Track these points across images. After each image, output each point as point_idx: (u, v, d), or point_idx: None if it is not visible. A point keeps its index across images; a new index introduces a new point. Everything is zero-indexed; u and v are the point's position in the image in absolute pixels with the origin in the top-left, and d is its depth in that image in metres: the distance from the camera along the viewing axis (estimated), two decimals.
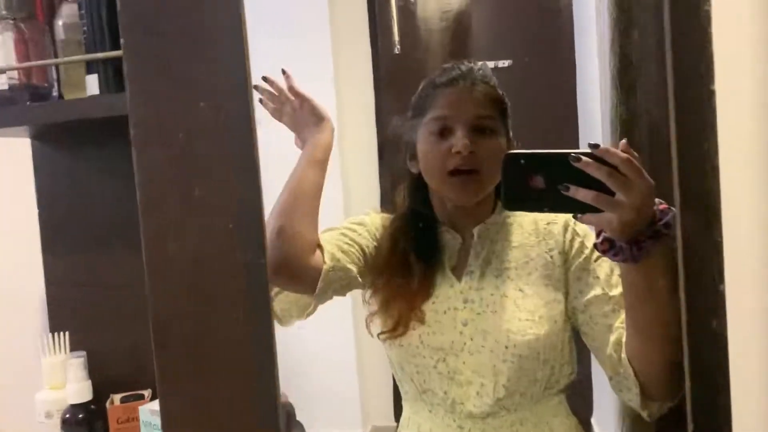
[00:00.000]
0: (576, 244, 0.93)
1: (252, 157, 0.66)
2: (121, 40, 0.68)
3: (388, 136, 2.95)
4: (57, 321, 1.02)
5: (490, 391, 0.90)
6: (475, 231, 0.97)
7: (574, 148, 0.69)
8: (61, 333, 0.99)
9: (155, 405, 0.93)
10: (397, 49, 3.13)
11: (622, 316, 0.85)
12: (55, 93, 0.90)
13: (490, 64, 3.25)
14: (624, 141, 0.70)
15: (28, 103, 0.83)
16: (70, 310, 1.02)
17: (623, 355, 0.83)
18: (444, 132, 0.91)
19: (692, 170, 0.59)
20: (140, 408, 0.94)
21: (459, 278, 0.95)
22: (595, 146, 0.68)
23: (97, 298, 1.02)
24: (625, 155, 0.68)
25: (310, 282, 0.89)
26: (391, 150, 3.19)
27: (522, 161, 0.71)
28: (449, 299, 0.93)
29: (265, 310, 0.70)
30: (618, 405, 1.16)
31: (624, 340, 0.83)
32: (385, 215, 1.04)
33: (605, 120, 1.24)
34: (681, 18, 0.58)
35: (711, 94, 0.57)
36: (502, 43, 3.09)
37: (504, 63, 3.04)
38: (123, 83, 0.76)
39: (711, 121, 0.56)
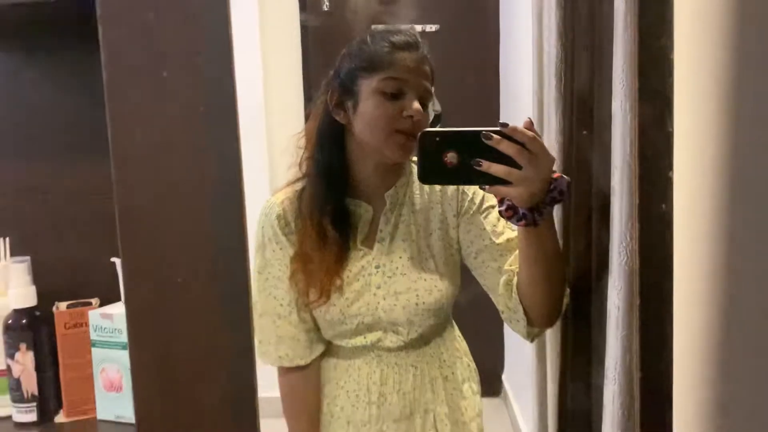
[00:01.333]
0: (465, 203, 1.03)
1: (225, 37, 0.66)
2: None
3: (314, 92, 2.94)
4: None
5: (404, 334, 1.02)
6: (388, 196, 1.03)
7: (495, 114, 0.75)
8: (2, 238, 0.95)
9: (107, 309, 0.92)
10: (326, 6, 3.11)
11: (509, 258, 0.97)
12: None
13: (418, 27, 3.29)
14: (528, 119, 0.77)
15: None
16: (12, 216, 0.98)
17: (513, 295, 0.95)
18: (397, 94, 0.95)
19: (652, 67, 0.65)
20: (90, 312, 0.92)
21: (371, 247, 1.03)
22: (504, 125, 0.75)
23: (41, 205, 0.99)
24: (531, 134, 0.76)
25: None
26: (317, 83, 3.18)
27: (437, 138, 0.77)
28: (363, 268, 1.01)
29: (235, 201, 0.71)
30: (528, 364, 1.25)
31: (514, 281, 0.95)
32: (284, 193, 1.05)
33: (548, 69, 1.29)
34: None
35: None
36: (430, 8, 3.14)
37: (431, 27, 3.10)
38: None
39: (669, 18, 0.62)
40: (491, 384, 3.05)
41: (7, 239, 0.96)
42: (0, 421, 0.93)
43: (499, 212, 0.85)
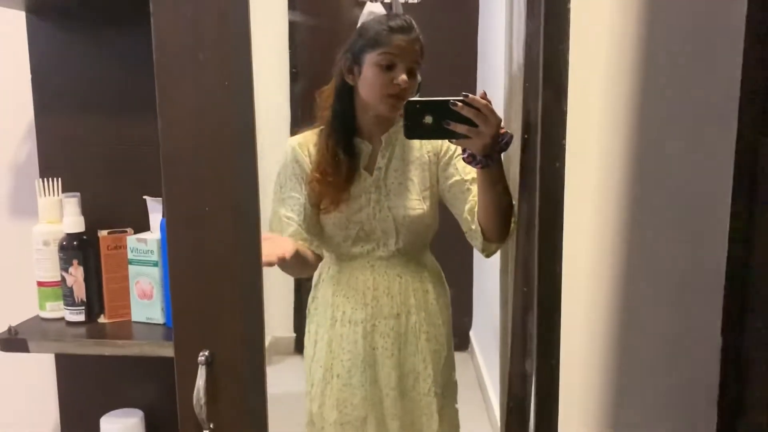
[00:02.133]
0: (443, 148, 1.35)
1: (246, 32, 0.91)
2: None
3: (301, 58, 3.15)
4: (49, 169, 1.22)
5: (393, 243, 1.33)
6: (383, 138, 1.34)
7: (473, 84, 1.03)
8: (54, 179, 1.20)
9: (141, 235, 1.18)
10: None
11: (473, 191, 1.27)
12: None
13: None
14: (483, 91, 1.06)
15: None
16: (63, 161, 1.22)
17: (474, 218, 1.25)
18: (390, 66, 1.25)
19: (553, 65, 0.90)
20: (128, 237, 1.18)
21: (371, 173, 1.34)
22: (465, 95, 1.04)
23: (87, 153, 1.23)
24: (484, 102, 1.04)
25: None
26: (303, 72, 3.39)
27: (418, 106, 1.06)
28: (365, 188, 1.33)
29: (250, 151, 0.96)
30: (496, 322, 1.51)
31: (475, 209, 1.26)
32: (304, 134, 1.37)
33: (513, 50, 1.53)
34: None
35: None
36: None
37: None
38: None
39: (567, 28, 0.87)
40: (459, 339, 3.33)
41: (59, 179, 1.20)
42: (55, 321, 1.20)
43: (462, 159, 1.14)
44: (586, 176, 1.12)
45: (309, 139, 1.35)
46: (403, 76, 1.25)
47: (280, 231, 1.33)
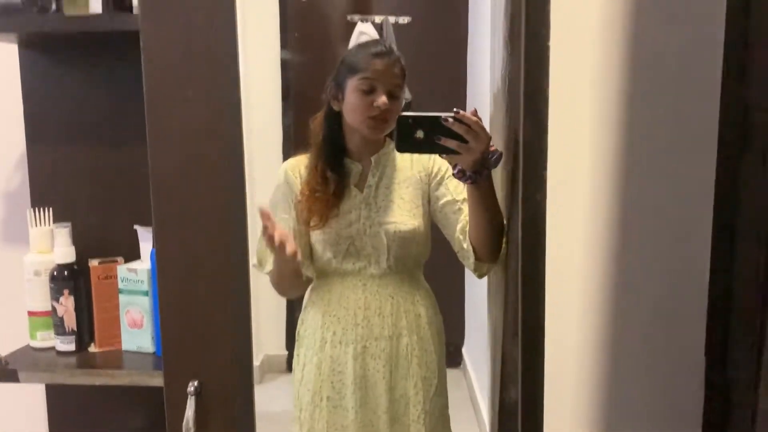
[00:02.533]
0: (435, 169, 1.37)
1: (234, 70, 0.94)
2: None
3: (292, 77, 3.19)
4: (41, 199, 1.24)
5: (384, 260, 1.33)
6: (373, 159, 1.37)
7: (462, 101, 1.05)
8: (45, 209, 1.21)
9: (131, 265, 1.19)
10: None
11: (465, 212, 1.29)
12: (54, 8, 1.11)
13: (392, 19, 3.53)
14: (474, 109, 1.08)
15: (56, 11, 1.05)
16: (55, 191, 1.24)
17: (466, 237, 1.27)
18: (369, 90, 1.28)
19: (534, 102, 0.93)
20: (118, 267, 1.19)
21: (361, 190, 1.36)
22: (457, 112, 1.06)
23: (78, 183, 1.25)
24: (474, 119, 1.06)
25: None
26: (296, 91, 3.42)
27: (410, 120, 1.07)
28: (355, 204, 1.34)
29: (238, 181, 0.98)
30: (486, 339, 1.54)
31: (467, 228, 1.27)
32: (297, 157, 1.40)
33: (495, 73, 1.57)
34: None
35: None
36: (404, 1, 3.39)
37: (404, 20, 3.35)
38: (120, 5, 1.00)
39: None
40: (452, 355, 3.35)
41: (50, 209, 1.21)
42: (45, 351, 1.20)
43: (453, 174, 1.16)
44: (571, 204, 1.15)
45: (301, 162, 1.38)
46: (383, 99, 1.28)
47: (266, 255, 1.35)
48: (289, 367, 2.26)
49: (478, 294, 2.52)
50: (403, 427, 1.35)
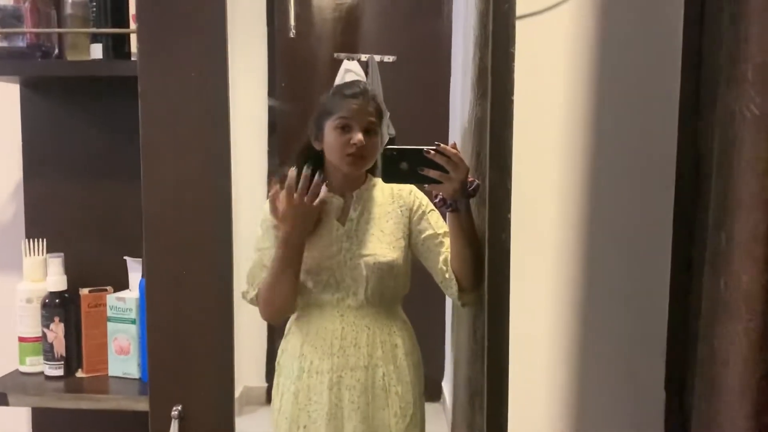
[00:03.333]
0: (416, 203, 1.42)
1: (225, 114, 1.02)
2: (136, 20, 1.00)
3: (279, 114, 3.27)
4: (35, 230, 1.30)
5: (362, 291, 1.37)
6: (355, 194, 1.42)
7: (445, 137, 1.13)
8: (39, 239, 1.27)
9: (120, 294, 1.25)
10: (292, 33, 3.44)
11: (446, 244, 1.35)
12: (56, 53, 1.19)
13: (377, 58, 3.64)
14: (454, 142, 1.17)
15: (58, 57, 1.12)
16: (48, 222, 1.30)
17: (448, 268, 1.33)
18: (345, 128, 1.35)
19: (499, 149, 1.02)
20: (108, 296, 1.25)
21: (343, 224, 1.40)
22: (438, 145, 1.16)
23: (70, 215, 1.31)
24: (454, 151, 1.16)
25: None
26: (282, 125, 3.51)
27: (395, 153, 1.17)
28: (337, 237, 1.39)
29: (225, 219, 1.05)
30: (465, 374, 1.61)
31: (448, 259, 1.34)
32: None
33: (464, 113, 1.67)
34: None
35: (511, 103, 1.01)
36: (389, 40, 3.50)
37: (389, 58, 3.46)
38: (120, 53, 1.08)
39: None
40: (431, 390, 3.36)
41: (44, 239, 1.27)
42: (34, 375, 1.25)
43: (434, 203, 1.26)
44: (538, 230, 1.23)
45: None
46: (359, 136, 1.34)
47: (254, 278, 1.40)
48: (269, 399, 2.31)
49: (458, 329, 2.58)
50: None
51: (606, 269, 1.31)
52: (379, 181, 1.40)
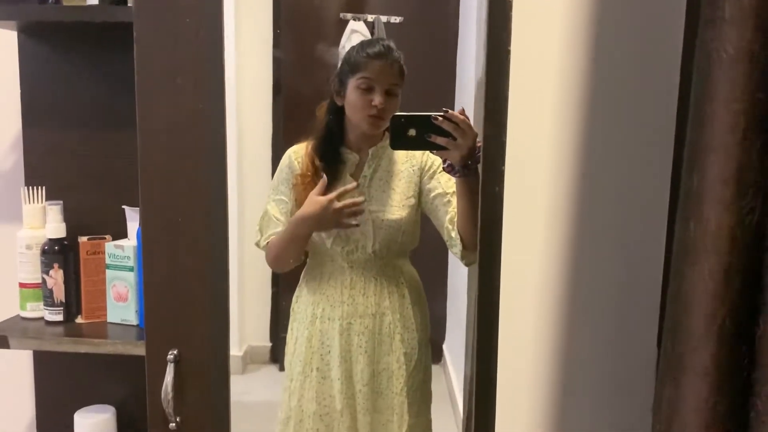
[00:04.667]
0: (428, 163, 1.46)
1: (219, 61, 1.01)
2: None
3: (284, 73, 3.25)
4: (34, 178, 1.31)
5: (370, 245, 1.43)
6: (371, 151, 1.47)
7: (451, 99, 1.12)
8: (39, 187, 1.28)
9: (119, 242, 1.27)
10: None
11: (453, 204, 1.38)
12: None
13: (384, 18, 3.61)
14: (462, 108, 1.16)
15: (55, 2, 1.12)
16: (48, 170, 1.31)
17: (455, 227, 1.36)
18: (368, 89, 1.37)
19: (496, 103, 1.02)
20: (106, 244, 1.27)
21: (356, 180, 1.44)
22: (446, 111, 1.16)
23: (69, 163, 1.32)
24: (462, 117, 1.17)
25: None
26: (286, 87, 3.49)
27: (402, 120, 1.17)
28: (350, 194, 1.41)
29: (220, 164, 1.05)
30: (466, 337, 1.62)
31: (455, 219, 1.36)
32: (301, 144, 1.49)
33: (478, 73, 1.65)
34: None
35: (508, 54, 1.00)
36: (396, 1, 3.46)
37: (396, 19, 3.42)
38: None
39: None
40: (433, 352, 3.42)
41: (44, 187, 1.28)
42: (34, 321, 1.28)
43: (443, 169, 1.27)
44: (529, 198, 1.23)
45: (304, 148, 1.48)
46: (380, 98, 1.38)
47: (265, 229, 1.43)
48: (273, 359, 2.36)
49: (459, 295, 2.61)
50: (386, 399, 1.46)
51: (602, 223, 1.31)
52: None
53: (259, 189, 1.74)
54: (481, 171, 1.03)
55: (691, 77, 0.76)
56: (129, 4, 1.13)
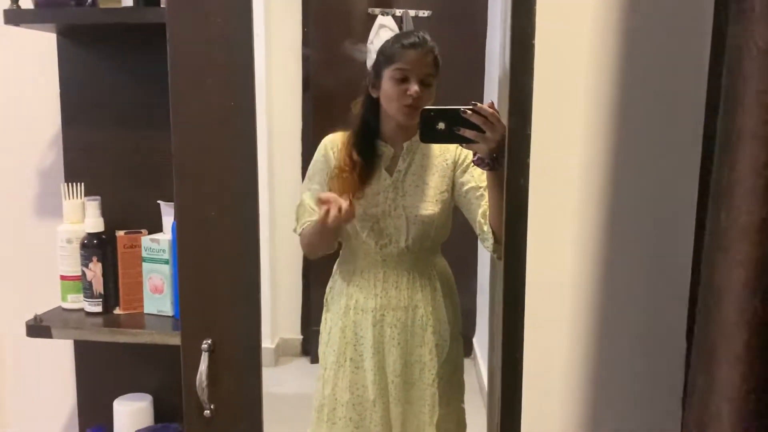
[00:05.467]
0: (462, 156, 1.47)
1: (249, 61, 1.04)
2: None
3: (313, 69, 3.28)
4: (74, 175, 1.36)
5: (403, 240, 1.45)
6: (405, 145, 1.48)
7: (480, 93, 1.13)
8: (78, 183, 1.33)
9: (154, 236, 1.31)
10: None
11: (486, 197, 1.39)
12: (89, 1, 1.22)
13: (412, 12, 3.61)
14: (491, 101, 1.17)
15: (92, 5, 1.16)
16: (87, 167, 1.36)
17: (487, 221, 1.37)
18: (403, 80, 1.38)
19: (520, 94, 1.03)
20: (143, 237, 1.31)
21: (391, 174, 1.47)
22: (474, 104, 1.16)
23: (107, 160, 1.37)
24: (491, 110, 1.17)
25: None
26: (315, 81, 3.52)
27: (432, 113, 1.18)
28: (384, 186, 1.46)
29: (251, 163, 1.08)
30: (490, 330, 1.64)
31: (487, 213, 1.37)
32: (336, 134, 1.51)
33: (505, 67, 1.66)
34: None
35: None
36: None
37: (424, 13, 3.42)
38: (150, 1, 1.11)
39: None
40: (464, 346, 3.44)
41: (82, 183, 1.33)
42: (75, 312, 1.33)
43: (473, 161, 1.29)
44: (558, 191, 1.24)
45: (340, 138, 1.51)
46: (415, 87, 1.39)
47: (300, 217, 1.47)
48: (304, 351, 2.40)
49: (488, 289, 2.62)
50: (417, 390, 1.49)
51: (629, 215, 1.31)
52: None
53: (289, 183, 1.78)
54: (506, 163, 1.04)
55: (720, 69, 0.76)
56: (162, 5, 1.16)
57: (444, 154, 1.48)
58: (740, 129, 0.58)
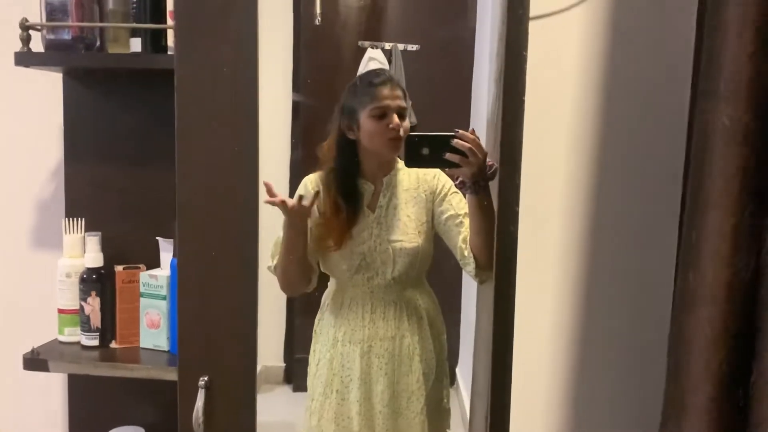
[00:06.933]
0: (439, 186, 1.52)
1: (254, 107, 1.09)
2: (173, 16, 1.08)
3: (303, 101, 3.34)
4: (74, 210, 1.39)
5: (389, 272, 1.49)
6: (385, 180, 1.52)
7: (466, 124, 1.19)
8: (78, 218, 1.36)
9: (153, 271, 1.34)
10: (317, 21, 3.49)
11: (466, 224, 1.44)
12: (97, 45, 1.27)
13: (401, 46, 3.69)
14: (472, 128, 1.22)
15: (100, 49, 1.21)
16: (87, 203, 1.40)
17: (468, 246, 1.42)
18: (382, 116, 1.43)
19: (510, 147, 1.08)
20: (141, 273, 1.34)
21: (373, 210, 1.51)
22: (456, 131, 1.23)
23: (107, 197, 1.40)
24: (473, 137, 1.23)
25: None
26: (306, 111, 3.57)
27: (416, 139, 1.24)
28: (368, 223, 1.50)
29: (252, 204, 1.13)
30: (474, 356, 1.68)
31: (468, 238, 1.42)
32: (317, 173, 1.54)
33: (489, 104, 1.72)
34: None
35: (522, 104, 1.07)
36: (412, 29, 3.54)
37: (413, 47, 3.50)
38: (157, 47, 1.16)
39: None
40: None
41: (83, 219, 1.36)
42: (71, 345, 1.35)
43: (455, 185, 1.35)
44: (543, 235, 1.30)
45: (318, 177, 1.53)
46: (396, 120, 1.44)
47: (274, 253, 1.49)
48: (287, 379, 2.42)
49: (471, 320, 2.66)
50: (406, 420, 1.51)
51: (611, 264, 1.37)
52: (402, 165, 1.49)
53: (276, 213, 1.80)
54: (497, 211, 1.09)
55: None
56: (169, 52, 1.21)
57: (422, 185, 1.52)
58: (705, 197, 0.63)
